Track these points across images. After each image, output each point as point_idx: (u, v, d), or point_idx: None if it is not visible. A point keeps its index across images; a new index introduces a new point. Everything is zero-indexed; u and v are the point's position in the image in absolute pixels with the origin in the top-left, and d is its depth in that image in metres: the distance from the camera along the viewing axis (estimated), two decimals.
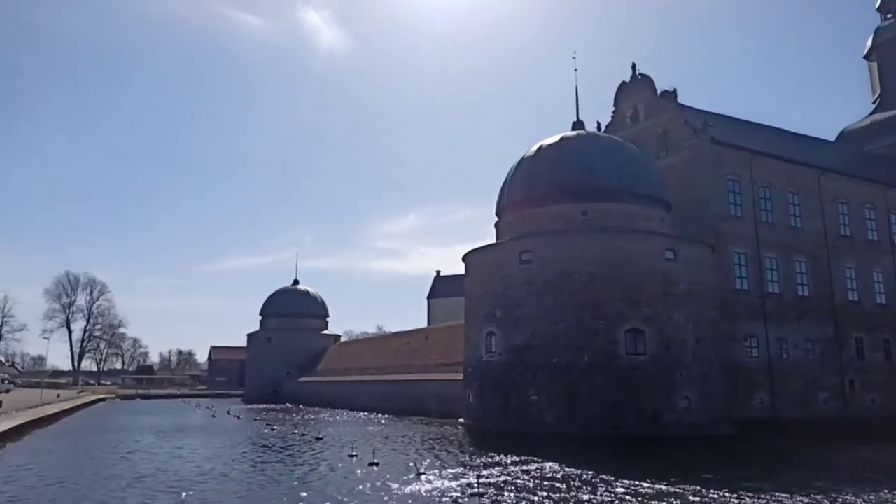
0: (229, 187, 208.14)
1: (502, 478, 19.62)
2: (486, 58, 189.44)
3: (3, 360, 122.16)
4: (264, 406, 70.44)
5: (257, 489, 18.19)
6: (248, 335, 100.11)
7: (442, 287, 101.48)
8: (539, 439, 29.21)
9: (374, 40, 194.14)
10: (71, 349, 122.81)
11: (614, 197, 36.66)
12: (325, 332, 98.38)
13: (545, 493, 16.87)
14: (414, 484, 18.40)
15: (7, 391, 72.67)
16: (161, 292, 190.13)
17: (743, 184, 42.67)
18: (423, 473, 20.18)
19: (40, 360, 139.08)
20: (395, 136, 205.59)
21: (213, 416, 53.51)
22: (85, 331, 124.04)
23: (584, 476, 19.58)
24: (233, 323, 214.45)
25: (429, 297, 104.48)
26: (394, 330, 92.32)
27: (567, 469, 21.00)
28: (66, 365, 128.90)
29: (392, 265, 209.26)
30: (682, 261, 35.39)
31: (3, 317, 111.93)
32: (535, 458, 23.29)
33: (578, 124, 42.78)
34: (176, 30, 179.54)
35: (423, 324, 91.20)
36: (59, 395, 66.72)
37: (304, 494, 16.98)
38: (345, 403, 64.23)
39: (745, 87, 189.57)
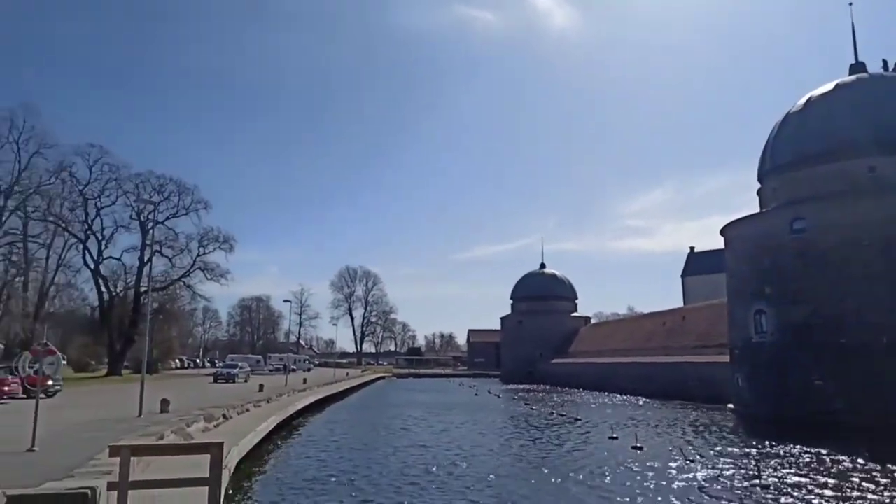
0: (472, 179, 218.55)
1: (790, 469, 17.66)
2: (730, 11, 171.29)
3: (303, 343, 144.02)
4: (520, 386, 72.99)
5: (524, 465, 18.83)
6: (501, 318, 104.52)
7: (697, 264, 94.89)
8: (827, 429, 25.74)
9: (606, 11, 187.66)
10: (353, 333, 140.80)
11: None
12: (575, 314, 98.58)
13: (848, 492, 14.78)
14: (684, 471, 17.48)
15: (308, 370, 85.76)
16: (422, 281, 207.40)
17: None
18: (694, 460, 19.09)
19: (331, 343, 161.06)
20: (635, 108, 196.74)
21: (476, 394, 56.90)
22: (364, 317, 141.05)
23: (891, 471, 16.76)
24: (486, 307, 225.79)
25: (683, 276, 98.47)
26: (645, 311, 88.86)
27: (871, 464, 18.18)
28: (350, 347, 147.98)
29: (640, 244, 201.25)
30: None
31: (302, 307, 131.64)
32: (826, 451, 20.57)
33: (858, 66, 36.57)
34: (423, 36, 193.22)
35: (677, 303, 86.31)
36: (347, 374, 76.63)
37: (570, 474, 17.14)
38: (599, 385, 63.63)
39: None
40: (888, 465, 17.74)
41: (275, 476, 16.90)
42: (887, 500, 13.90)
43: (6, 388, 25.18)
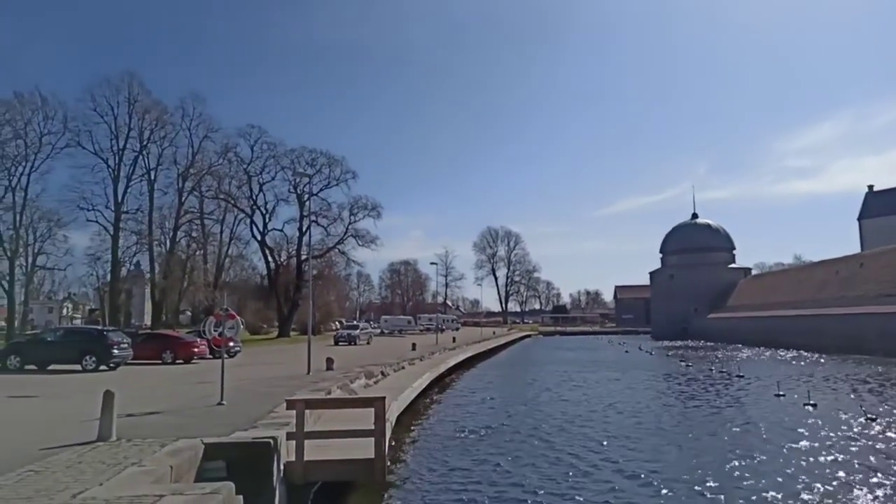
0: (611, 130, 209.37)
1: None
2: None
3: (449, 304, 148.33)
4: (674, 343, 70.07)
5: (684, 423, 18.08)
6: (651, 273, 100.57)
7: (876, 204, 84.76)
8: None
9: None
10: (497, 293, 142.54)
11: None
12: (733, 265, 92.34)
13: None
14: (867, 429, 15.91)
15: (457, 329, 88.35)
16: (564, 239, 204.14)
17: None
18: (876, 418, 17.31)
19: (476, 303, 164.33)
20: (793, 31, 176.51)
21: (626, 351, 55.56)
22: (507, 276, 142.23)
23: None
24: (634, 262, 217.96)
25: (859, 218, 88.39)
26: (815, 259, 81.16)
27: None
28: (495, 307, 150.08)
29: (806, 186, 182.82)
30: None
31: (447, 268, 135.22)
32: None
33: None
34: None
35: (852, 249, 77.90)
36: (494, 333, 78.01)
37: (735, 430, 16.25)
38: (762, 340, 59.44)
39: None
40: None
41: (432, 428, 17.66)
42: None
43: (195, 350, 28.41)
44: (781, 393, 23.22)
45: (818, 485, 11.00)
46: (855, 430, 16.01)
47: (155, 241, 59.34)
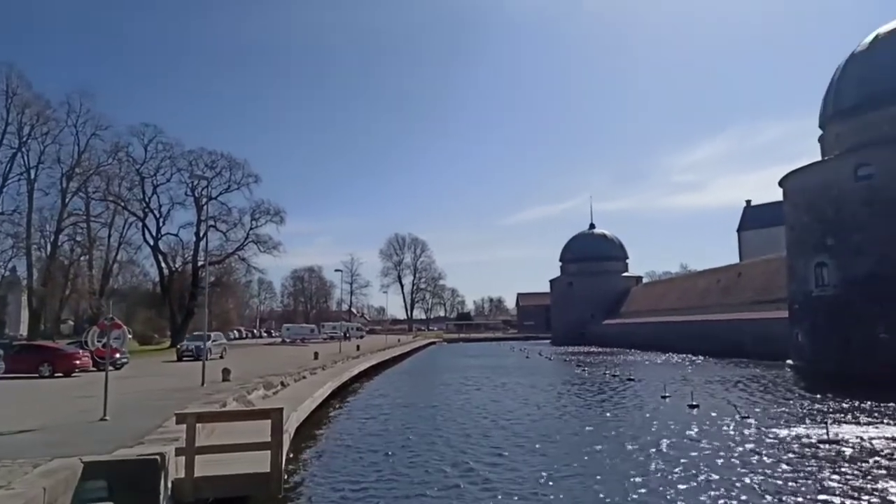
0: (518, 142, 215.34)
1: (857, 426, 17.12)
2: None
3: (354, 311, 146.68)
4: (571, 348, 72.75)
5: (576, 426, 18.76)
6: (551, 281, 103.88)
7: (753, 217, 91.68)
8: (892, 383, 24.85)
9: None
10: (403, 300, 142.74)
11: None
12: (626, 273, 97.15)
13: None
14: (741, 427, 17.16)
15: (361, 337, 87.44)
16: (470, 247, 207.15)
17: None
18: (749, 417, 18.72)
19: (381, 310, 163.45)
20: (683, 57, 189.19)
21: (527, 357, 57.03)
22: (413, 284, 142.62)
23: None
24: (536, 270, 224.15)
25: (738, 230, 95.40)
26: (699, 268, 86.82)
27: None
28: (400, 314, 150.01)
29: (692, 199, 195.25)
30: None
31: (353, 275, 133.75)
32: (893, 406, 19.90)
33: None
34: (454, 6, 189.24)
35: (732, 259, 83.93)
36: (399, 340, 77.82)
37: (621, 430, 17.03)
38: (652, 345, 62.88)
39: None
40: None
41: (333, 438, 17.36)
42: None
43: (77, 362, 26.43)
44: (667, 395, 24.64)
45: (694, 481, 11.75)
46: (730, 428, 17.22)
47: (34, 244, 55.00)
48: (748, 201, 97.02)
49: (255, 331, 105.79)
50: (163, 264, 62.98)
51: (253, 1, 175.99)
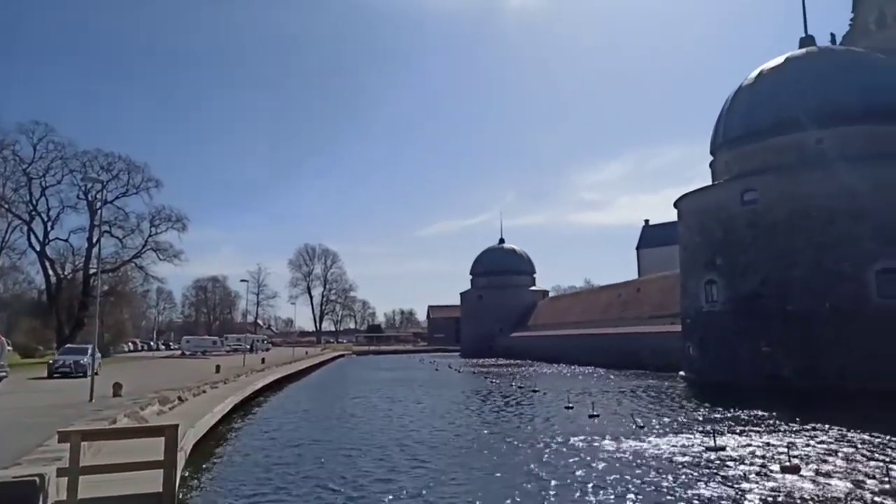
0: (433, 155, 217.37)
1: (740, 434, 18.31)
2: None
3: (260, 323, 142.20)
4: (480, 360, 73.70)
5: (476, 438, 18.99)
6: (461, 294, 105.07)
7: (651, 236, 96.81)
8: (774, 394, 26.82)
9: None
10: (312, 312, 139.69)
11: (856, 119, 31.64)
12: (533, 288, 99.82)
13: (793, 448, 15.40)
14: (636, 437, 17.96)
15: (267, 350, 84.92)
16: (383, 258, 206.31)
17: None
18: (644, 426, 19.64)
19: (289, 322, 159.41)
20: (592, 82, 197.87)
21: (436, 369, 57.25)
22: (322, 295, 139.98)
23: (833, 430, 17.59)
24: (447, 283, 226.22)
25: (638, 248, 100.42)
26: (602, 283, 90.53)
27: (813, 423, 19.06)
28: (309, 326, 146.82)
29: (597, 217, 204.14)
30: None
31: (259, 286, 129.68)
32: (774, 414, 21.45)
33: (807, 40, 37.53)
34: (381, 10, 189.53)
35: (633, 275, 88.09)
36: (307, 353, 76.07)
37: (519, 445, 17.33)
38: (557, 357, 64.79)
39: None
40: (830, 427, 18.58)
41: (232, 456, 16.71)
42: (829, 458, 14.54)
43: None
44: (571, 405, 25.44)
45: (591, 485, 12.18)
46: (628, 436, 17.98)
47: None
48: (647, 221, 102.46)
49: (151, 343, 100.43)
50: (50, 271, 58.65)
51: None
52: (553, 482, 12.76)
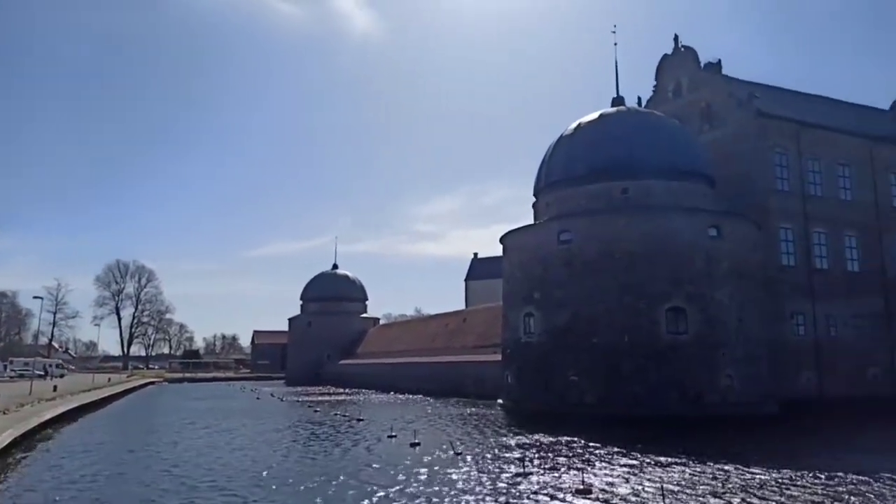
0: (268, 174, 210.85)
1: (545, 457, 19.53)
2: (523, 35, 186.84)
3: (56, 346, 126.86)
4: (307, 388, 71.58)
5: (294, 470, 18.37)
6: (290, 319, 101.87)
7: (479, 269, 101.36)
8: (579, 420, 29.00)
9: (408, 22, 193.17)
10: (121, 335, 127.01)
11: (655, 174, 35.75)
12: (365, 315, 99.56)
13: (589, 471, 16.70)
14: (452, 465, 18.42)
15: (62, 376, 75.61)
16: (206, 278, 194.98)
17: (790, 157, 41.35)
18: (461, 453, 20.23)
19: (92, 345, 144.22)
20: (431, 118, 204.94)
21: (258, 398, 54.64)
22: (133, 317, 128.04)
23: (627, 453, 19.40)
24: (275, 307, 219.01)
25: (466, 279, 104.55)
26: (432, 312, 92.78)
27: (610, 447, 20.87)
28: (116, 350, 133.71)
29: (430, 248, 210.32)
30: (727, 238, 34.49)
31: (57, 304, 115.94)
32: (576, 439, 23.16)
33: (618, 100, 41.92)
34: (207, 18, 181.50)
35: (461, 306, 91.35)
36: (109, 380, 69.10)
37: (341, 478, 16.99)
38: (385, 385, 64.93)
39: (793, 55, 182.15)
40: (623, 451, 20.46)
41: (10, 495, 14.58)
42: (619, 480, 15.99)
43: None
44: (394, 434, 25.49)
45: None
46: (446, 464, 18.39)
47: None
48: (475, 254, 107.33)
49: None
50: None
51: None
52: None
